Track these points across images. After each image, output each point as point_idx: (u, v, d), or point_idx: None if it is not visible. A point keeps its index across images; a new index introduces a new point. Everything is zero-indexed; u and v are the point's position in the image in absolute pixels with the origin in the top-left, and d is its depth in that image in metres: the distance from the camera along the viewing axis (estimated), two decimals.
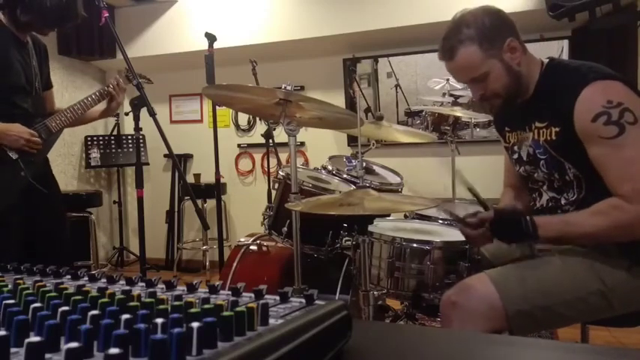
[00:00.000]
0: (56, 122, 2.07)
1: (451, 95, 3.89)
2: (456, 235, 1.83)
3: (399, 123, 3.90)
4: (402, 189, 2.34)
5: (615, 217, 1.25)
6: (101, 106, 2.22)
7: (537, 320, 1.31)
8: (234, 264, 2.16)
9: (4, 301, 0.50)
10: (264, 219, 2.16)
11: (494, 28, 1.37)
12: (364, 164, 2.16)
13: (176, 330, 0.37)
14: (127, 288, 0.60)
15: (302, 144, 4.35)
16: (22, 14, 1.91)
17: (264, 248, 2.23)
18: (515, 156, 1.54)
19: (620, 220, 1.25)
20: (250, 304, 0.48)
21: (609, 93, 1.27)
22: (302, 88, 4.29)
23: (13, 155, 1.93)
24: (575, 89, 1.29)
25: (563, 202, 1.42)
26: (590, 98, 1.27)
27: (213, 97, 2.33)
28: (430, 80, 3.94)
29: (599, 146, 1.27)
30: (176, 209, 4.73)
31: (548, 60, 1.44)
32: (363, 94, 4.12)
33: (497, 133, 1.67)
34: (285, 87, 1.57)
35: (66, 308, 0.47)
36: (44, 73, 2.16)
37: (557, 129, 1.35)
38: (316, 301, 0.57)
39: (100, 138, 4.48)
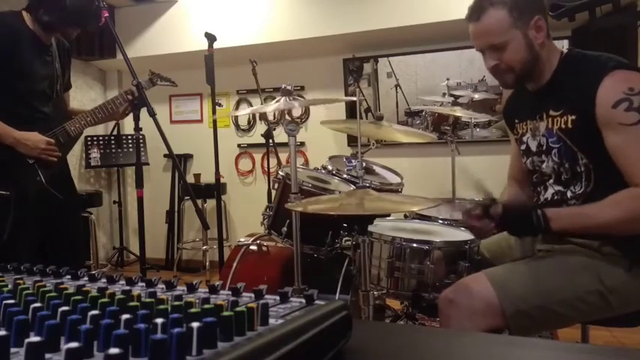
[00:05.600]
0: (75, 126, 2.08)
1: (451, 95, 3.89)
2: (456, 235, 1.83)
3: (399, 123, 3.90)
4: (402, 189, 2.33)
5: (632, 207, 1.24)
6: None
7: (536, 320, 1.31)
8: (234, 264, 2.15)
9: (4, 301, 0.50)
10: (263, 219, 2.16)
11: (527, 0, 1.38)
12: (364, 164, 2.16)
13: (176, 330, 0.37)
14: (127, 288, 0.60)
15: (302, 144, 4.35)
16: (44, 15, 1.92)
17: (264, 248, 2.22)
18: (524, 147, 1.53)
19: (637, 211, 1.24)
20: (250, 304, 0.48)
21: (631, 81, 1.27)
22: (302, 88, 4.29)
23: (30, 160, 1.94)
24: (596, 77, 1.29)
25: (569, 195, 1.41)
26: (611, 85, 1.27)
27: None
28: (430, 80, 3.94)
29: (619, 133, 1.26)
30: (176, 209, 4.72)
31: (567, 50, 1.45)
32: (363, 95, 4.11)
33: (506, 124, 1.66)
34: (285, 87, 1.57)
35: (66, 308, 0.47)
36: (66, 75, 2.17)
37: (574, 117, 1.34)
38: (316, 301, 0.57)
39: (100, 138, 4.48)
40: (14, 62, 1.89)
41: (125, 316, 0.43)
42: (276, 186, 2.13)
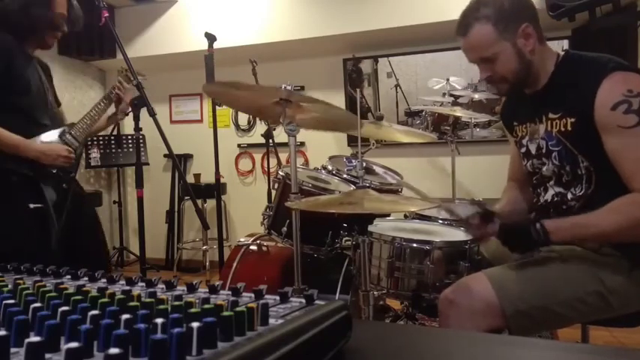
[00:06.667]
0: (80, 132, 2.10)
1: (451, 95, 3.89)
2: (456, 235, 1.83)
3: (399, 123, 3.91)
4: (402, 189, 2.34)
5: (633, 213, 1.22)
6: (109, 111, 2.24)
7: (535, 320, 1.31)
8: (234, 264, 2.15)
9: (4, 301, 0.50)
10: (263, 219, 2.16)
11: (512, 11, 1.37)
12: (364, 164, 2.16)
13: (176, 330, 0.37)
14: (127, 288, 0.60)
15: (302, 144, 4.35)
16: (14, 23, 1.91)
17: (264, 248, 2.22)
18: (523, 150, 1.53)
19: (638, 217, 1.22)
20: (250, 304, 0.48)
21: (630, 83, 1.26)
22: (302, 88, 4.29)
23: (52, 170, 1.98)
24: (595, 79, 1.28)
25: (569, 197, 1.40)
26: (610, 87, 1.26)
27: (213, 94, 2.32)
28: (430, 80, 3.95)
29: (617, 136, 1.25)
30: (176, 209, 4.72)
31: (564, 52, 1.44)
32: (363, 95, 4.12)
33: (505, 127, 1.66)
34: (285, 87, 1.57)
35: (66, 308, 0.47)
36: (52, 89, 2.18)
37: (573, 120, 1.33)
38: (316, 301, 0.57)
39: (100, 138, 4.47)
40: (12, 77, 1.89)
41: (125, 316, 0.43)
42: (276, 186, 2.13)
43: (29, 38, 1.98)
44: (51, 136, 2.00)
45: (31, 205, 1.88)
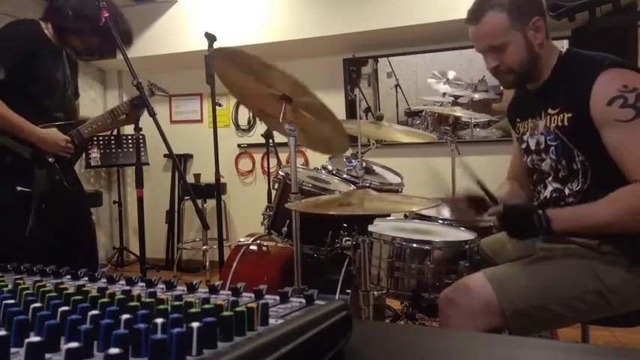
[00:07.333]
0: (88, 130, 2.14)
1: (451, 95, 3.89)
2: (456, 235, 1.83)
3: (399, 123, 3.90)
4: (402, 189, 2.34)
5: (632, 203, 1.24)
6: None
7: (535, 319, 1.31)
8: (234, 264, 2.15)
9: (4, 301, 0.50)
10: (264, 219, 2.16)
11: (525, 2, 1.39)
12: (364, 164, 2.16)
13: (176, 330, 0.37)
14: (127, 288, 0.60)
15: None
16: (60, 21, 1.97)
17: (264, 248, 2.23)
18: (524, 145, 1.54)
19: (637, 207, 1.23)
20: (250, 304, 0.48)
21: (625, 78, 1.28)
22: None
23: (50, 159, 2.01)
24: (591, 74, 1.30)
25: (567, 192, 1.41)
26: (606, 83, 1.28)
27: (219, 69, 2.26)
28: (430, 80, 3.95)
29: (615, 130, 1.27)
30: (176, 209, 4.73)
31: (567, 49, 1.46)
32: (363, 95, 4.11)
33: (510, 124, 1.68)
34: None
35: (66, 308, 0.47)
36: (74, 82, 2.23)
37: (570, 115, 1.35)
38: (316, 301, 0.57)
39: (100, 138, 4.47)
40: (33, 67, 1.94)
41: (125, 316, 0.43)
42: (276, 186, 2.13)
43: (67, 36, 2.02)
44: (56, 127, 2.03)
45: (18, 188, 1.90)
